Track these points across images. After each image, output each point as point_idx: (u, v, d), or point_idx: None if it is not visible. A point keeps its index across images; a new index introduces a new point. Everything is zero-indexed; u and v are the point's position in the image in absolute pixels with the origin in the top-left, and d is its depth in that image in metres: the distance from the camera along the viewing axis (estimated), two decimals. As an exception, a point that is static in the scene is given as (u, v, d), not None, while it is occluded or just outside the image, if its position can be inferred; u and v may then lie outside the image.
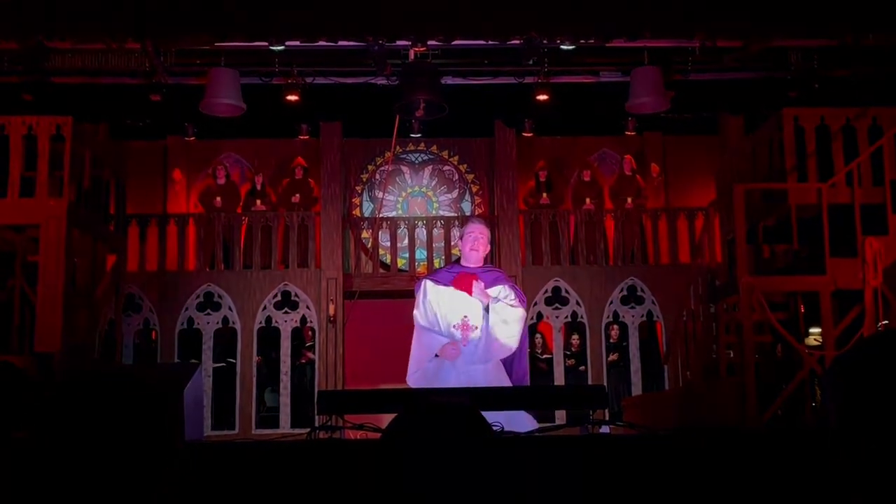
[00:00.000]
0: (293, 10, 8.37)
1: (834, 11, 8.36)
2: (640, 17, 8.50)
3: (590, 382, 11.58)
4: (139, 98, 10.79)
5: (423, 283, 5.89)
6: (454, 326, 5.66)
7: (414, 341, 5.78)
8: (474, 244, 5.75)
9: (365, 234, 12.87)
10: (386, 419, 3.61)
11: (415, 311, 5.82)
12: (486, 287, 5.69)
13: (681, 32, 9.02)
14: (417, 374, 5.70)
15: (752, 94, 11.07)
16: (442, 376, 5.57)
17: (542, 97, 10.94)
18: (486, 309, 5.65)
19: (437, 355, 5.63)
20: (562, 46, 9.63)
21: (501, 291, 5.71)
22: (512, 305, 5.67)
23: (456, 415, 3.27)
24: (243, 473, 3.79)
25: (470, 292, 5.63)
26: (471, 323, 5.64)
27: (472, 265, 5.79)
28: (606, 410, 5.24)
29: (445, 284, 5.75)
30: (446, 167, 13.59)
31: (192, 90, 10.71)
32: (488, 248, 5.87)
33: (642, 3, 8.47)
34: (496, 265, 11.22)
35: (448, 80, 10.59)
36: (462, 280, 5.68)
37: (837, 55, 9.94)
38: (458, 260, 6.11)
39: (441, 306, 5.71)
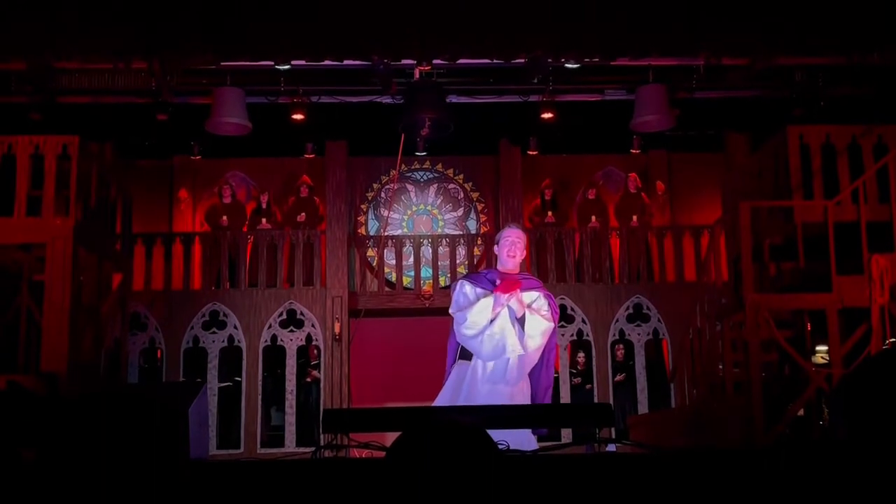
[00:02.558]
0: (299, 29, 8.41)
1: (838, 30, 8.38)
2: (644, 36, 8.53)
3: (596, 401, 11.54)
4: (145, 117, 10.83)
5: (460, 282, 5.74)
6: None
7: (460, 327, 5.56)
8: (511, 249, 5.59)
9: (370, 253, 12.87)
10: (391, 438, 3.60)
11: (451, 310, 5.64)
12: (522, 290, 5.55)
13: (685, 50, 9.04)
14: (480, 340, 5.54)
15: (757, 111, 11.08)
16: (471, 394, 5.50)
17: (547, 115, 10.96)
18: (521, 320, 5.52)
19: (492, 321, 5.47)
20: (566, 65, 9.65)
21: (537, 301, 5.58)
22: (543, 317, 5.54)
23: (461, 434, 3.27)
24: (248, 493, 3.78)
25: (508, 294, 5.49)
26: None
27: (509, 271, 5.63)
28: (613, 429, 5.22)
29: (483, 288, 5.59)
30: (451, 185, 13.61)
31: (198, 109, 10.76)
32: (525, 254, 5.70)
33: (647, 21, 8.50)
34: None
35: (453, 99, 10.62)
36: (506, 283, 5.51)
37: (842, 73, 9.95)
38: (494, 267, 5.96)
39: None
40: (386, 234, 12.77)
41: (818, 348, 9.28)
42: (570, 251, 12.35)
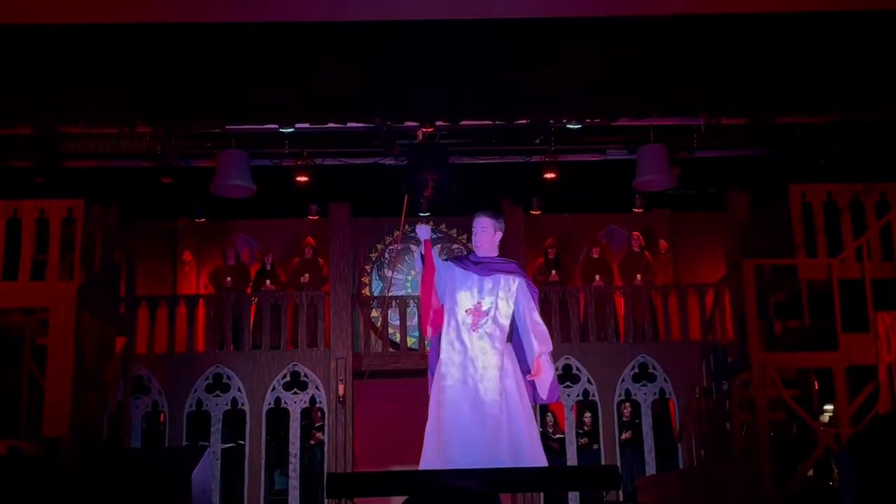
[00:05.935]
0: (302, 93, 8.50)
1: (836, 88, 8.44)
2: (645, 96, 8.59)
3: (603, 461, 11.41)
4: (150, 180, 10.89)
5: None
6: (466, 311, 5.76)
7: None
8: (478, 239, 5.97)
9: (374, 313, 12.85)
10: (396, 502, 3.56)
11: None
12: (501, 272, 5.86)
13: (685, 111, 9.11)
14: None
15: (758, 169, 11.13)
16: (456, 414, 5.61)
17: (550, 175, 11.03)
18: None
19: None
20: (568, 125, 9.72)
21: (520, 286, 5.84)
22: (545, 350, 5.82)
23: (469, 499, 3.23)
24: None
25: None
26: (483, 308, 5.76)
27: (482, 255, 5.95)
28: (620, 491, 5.18)
29: (463, 268, 5.90)
30: (455, 245, 13.61)
31: (202, 172, 10.83)
32: (498, 235, 6.00)
33: (647, 82, 8.57)
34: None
35: (456, 160, 10.69)
36: None
37: (842, 131, 10.01)
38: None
39: (455, 281, 5.86)
40: (390, 294, 12.75)
41: (826, 407, 9.21)
42: (574, 310, 12.31)
